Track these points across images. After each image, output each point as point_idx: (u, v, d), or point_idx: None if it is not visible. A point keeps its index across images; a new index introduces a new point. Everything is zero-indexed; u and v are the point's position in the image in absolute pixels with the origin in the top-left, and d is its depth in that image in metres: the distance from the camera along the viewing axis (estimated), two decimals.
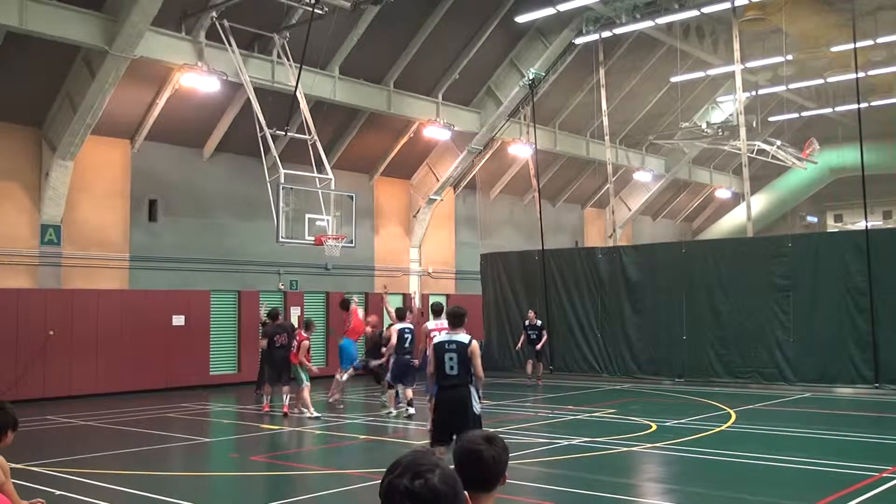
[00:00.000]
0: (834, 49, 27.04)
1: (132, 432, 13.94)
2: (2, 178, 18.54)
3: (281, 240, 18.10)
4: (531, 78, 24.74)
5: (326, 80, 21.39)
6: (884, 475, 9.49)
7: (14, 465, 5.85)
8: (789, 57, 27.68)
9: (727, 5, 22.62)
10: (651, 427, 13.46)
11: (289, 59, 19.96)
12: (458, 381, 8.88)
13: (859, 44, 21.71)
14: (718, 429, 13.40)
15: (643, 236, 36.48)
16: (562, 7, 22.17)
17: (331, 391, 16.99)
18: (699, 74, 29.10)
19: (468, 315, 9.38)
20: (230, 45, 19.07)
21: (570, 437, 12.75)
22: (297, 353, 15.60)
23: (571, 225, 34.57)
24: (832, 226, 43.03)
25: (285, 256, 22.46)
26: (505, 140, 27.58)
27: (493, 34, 23.68)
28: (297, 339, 15.81)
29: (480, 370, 8.91)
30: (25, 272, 18.82)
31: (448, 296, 27.37)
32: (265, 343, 16.01)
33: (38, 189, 18.88)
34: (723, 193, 40.12)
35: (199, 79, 18.88)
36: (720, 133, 29.18)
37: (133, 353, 19.68)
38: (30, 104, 18.56)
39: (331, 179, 19.05)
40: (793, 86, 31.90)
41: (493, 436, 2.86)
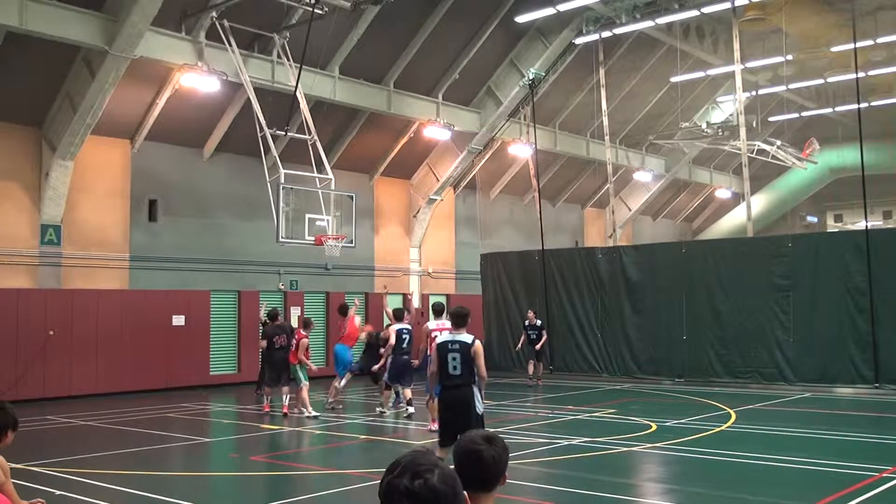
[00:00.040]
0: (834, 49, 27.04)
1: (132, 432, 13.94)
2: (2, 178, 18.55)
3: (281, 240, 18.10)
4: (531, 78, 24.74)
5: (326, 80, 21.39)
6: (884, 475, 9.49)
7: (14, 465, 5.85)
8: (789, 57, 27.68)
9: (727, 5, 22.61)
10: (651, 427, 13.46)
11: (289, 59, 19.97)
12: (461, 381, 8.87)
13: (859, 44, 21.70)
14: (718, 429, 13.40)
15: (643, 236, 36.48)
16: (562, 7, 22.17)
17: (329, 393, 16.97)
18: (699, 74, 29.11)
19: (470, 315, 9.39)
20: (230, 45, 19.08)
21: (570, 437, 12.75)
22: (297, 352, 15.62)
23: (571, 225, 34.57)
24: (832, 226, 43.03)
25: (285, 256, 22.47)
26: (505, 140, 27.58)
27: (493, 34, 23.68)
28: (296, 337, 15.82)
29: (484, 370, 8.90)
30: (25, 272, 18.83)
31: (448, 296, 27.37)
32: (265, 344, 16.04)
33: (38, 189, 18.88)
34: (723, 193, 40.11)
35: (199, 79, 18.88)
36: (720, 133, 29.17)
37: (133, 353, 19.69)
38: (30, 104, 18.57)
39: (331, 179, 19.06)
40: (793, 86, 31.91)
41: (493, 436, 2.86)
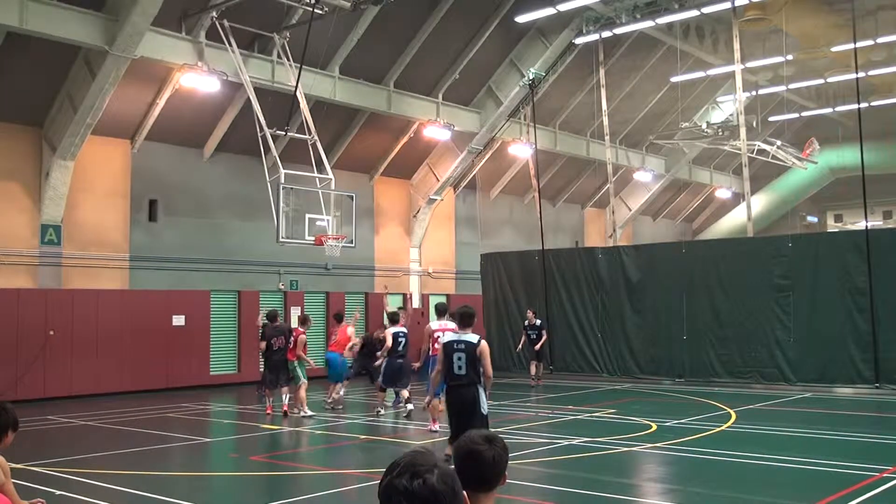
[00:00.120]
0: (834, 49, 27.02)
1: (132, 432, 13.94)
2: (2, 178, 18.55)
3: (281, 240, 18.10)
4: (531, 78, 24.74)
5: (326, 80, 21.39)
6: (884, 475, 9.49)
7: (14, 465, 5.85)
8: (789, 57, 27.66)
9: (727, 5, 22.61)
10: (651, 427, 13.46)
11: (289, 59, 19.97)
12: (466, 380, 8.89)
13: (859, 44, 21.68)
14: (718, 429, 13.40)
15: (643, 236, 36.48)
16: (562, 7, 22.16)
17: (329, 393, 16.92)
18: (699, 74, 29.10)
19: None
20: (230, 45, 19.08)
21: (571, 437, 12.75)
22: (295, 349, 15.61)
23: (571, 225, 34.57)
24: (832, 226, 43.01)
25: (285, 256, 22.46)
26: (505, 140, 27.58)
27: (493, 34, 23.68)
28: (294, 335, 15.82)
29: (489, 369, 8.92)
30: (25, 272, 18.83)
31: (448, 296, 27.37)
32: (263, 346, 16.00)
33: (39, 189, 18.88)
34: (723, 193, 40.11)
35: (199, 79, 18.88)
36: (720, 133, 29.14)
37: (133, 353, 19.69)
38: (30, 104, 18.57)
39: (331, 179, 19.05)
40: (793, 86, 31.90)
41: (493, 436, 2.86)
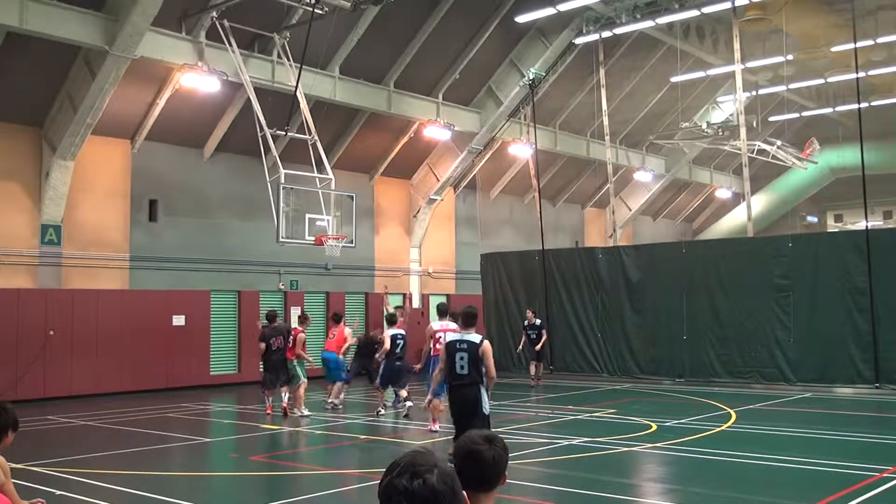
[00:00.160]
0: (834, 49, 27.02)
1: (132, 432, 13.94)
2: (2, 178, 18.55)
3: (281, 240, 18.10)
4: (531, 78, 24.74)
5: (326, 80, 21.39)
6: (884, 475, 9.48)
7: (14, 465, 5.85)
8: (789, 57, 27.66)
9: (727, 5, 22.60)
10: (651, 427, 13.45)
11: (289, 59, 19.97)
12: (468, 380, 8.90)
13: (859, 44, 21.67)
14: (718, 429, 13.40)
15: (643, 236, 36.48)
16: (562, 7, 22.16)
17: (332, 393, 16.89)
18: (699, 74, 29.10)
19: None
20: (230, 45, 19.08)
21: (571, 437, 12.75)
22: (294, 348, 15.60)
23: (571, 225, 34.57)
24: (832, 226, 43.01)
25: (285, 256, 22.46)
26: (505, 140, 27.58)
27: (493, 34, 23.68)
28: (293, 334, 15.80)
29: (492, 370, 8.93)
30: (25, 272, 18.83)
31: (448, 296, 27.37)
32: (263, 346, 15.96)
33: (39, 189, 18.88)
34: (723, 193, 40.11)
35: (199, 79, 18.88)
36: (720, 133, 29.14)
37: (133, 353, 19.70)
38: (30, 104, 18.57)
39: (331, 179, 19.05)
40: (793, 86, 31.90)
41: (493, 436, 2.86)
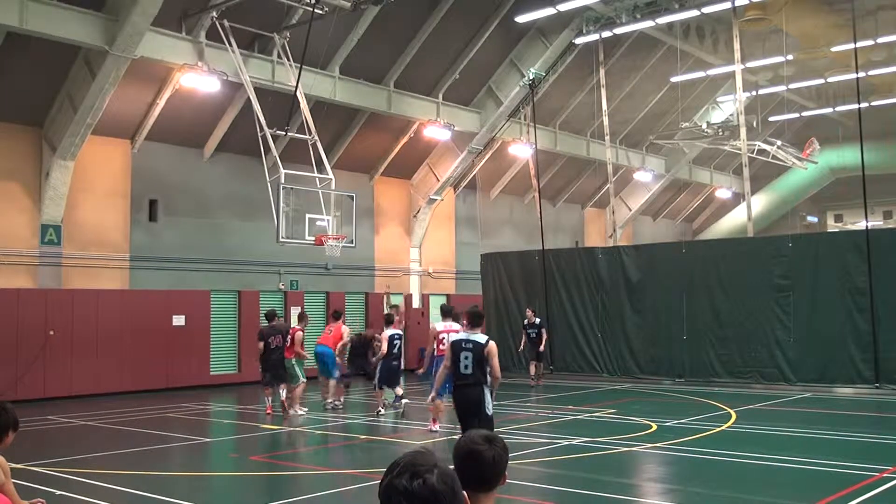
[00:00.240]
0: (834, 49, 27.01)
1: (132, 432, 13.94)
2: (2, 178, 18.55)
3: (281, 240, 18.10)
4: (531, 78, 24.73)
5: (326, 80, 21.39)
6: (884, 475, 9.49)
7: (14, 465, 5.85)
8: (789, 57, 27.66)
9: (727, 5, 22.60)
10: (651, 427, 13.46)
11: (289, 59, 19.97)
12: (472, 380, 8.94)
13: (859, 44, 21.67)
14: (718, 429, 13.40)
15: (643, 236, 36.48)
16: (562, 7, 22.15)
17: (333, 393, 16.86)
18: (699, 74, 29.10)
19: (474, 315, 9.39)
20: (230, 45, 19.08)
21: (571, 437, 12.75)
22: (292, 347, 15.57)
23: (571, 225, 34.57)
24: (832, 226, 43.00)
25: (285, 256, 22.46)
26: (505, 140, 27.58)
27: (493, 34, 23.67)
28: (291, 332, 15.78)
29: (497, 370, 8.96)
30: (25, 272, 18.83)
31: (448, 296, 27.40)
32: (262, 346, 15.92)
33: (39, 189, 18.88)
34: (723, 193, 40.11)
35: (199, 79, 18.88)
36: (720, 133, 29.14)
37: (133, 353, 19.70)
38: (30, 104, 18.57)
39: (331, 179, 19.05)
40: (793, 86, 31.89)
41: (493, 436, 2.86)
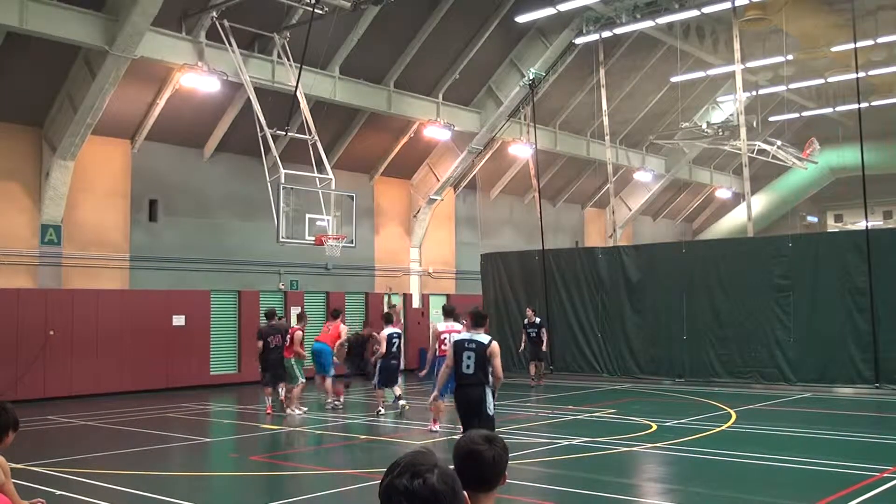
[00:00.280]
0: (834, 49, 27.01)
1: (132, 432, 13.94)
2: (2, 178, 18.55)
3: (281, 240, 18.10)
4: (531, 78, 24.73)
5: (326, 80, 21.39)
6: (884, 475, 9.48)
7: (14, 465, 5.85)
8: (789, 57, 27.66)
9: (727, 5, 22.60)
10: (651, 427, 13.46)
11: (289, 59, 19.97)
12: (474, 380, 8.95)
13: (859, 44, 21.66)
14: (719, 429, 13.40)
15: (643, 236, 36.48)
16: (562, 7, 22.15)
17: (329, 393, 16.83)
18: (699, 74, 29.10)
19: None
20: (230, 45, 19.08)
21: (571, 437, 12.75)
22: (291, 346, 15.56)
23: (571, 225, 34.57)
24: (832, 226, 43.00)
25: (285, 256, 22.46)
26: (505, 140, 27.58)
27: (493, 34, 23.67)
28: (290, 332, 15.76)
29: (500, 370, 8.98)
30: (25, 272, 18.83)
31: (448, 296, 27.41)
32: (261, 345, 15.91)
33: (39, 189, 18.88)
34: (723, 193, 40.11)
35: (199, 79, 18.88)
36: (720, 133, 29.14)
37: (133, 353, 19.70)
38: (30, 104, 18.57)
39: (331, 179, 19.05)
40: (793, 86, 31.89)
41: (493, 436, 2.85)
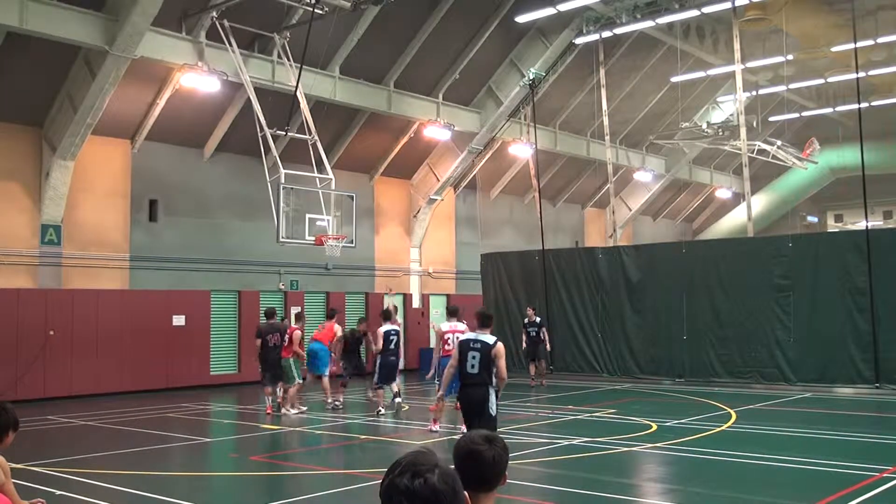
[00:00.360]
0: (834, 49, 27.01)
1: (132, 432, 13.94)
2: (2, 178, 18.55)
3: (281, 240, 18.11)
4: (531, 78, 24.73)
5: (327, 80, 21.39)
6: (884, 475, 9.49)
7: (14, 465, 5.85)
8: (789, 57, 27.65)
9: (727, 5, 22.60)
10: (651, 427, 13.46)
11: (289, 59, 19.97)
12: (478, 380, 8.97)
13: (859, 44, 21.66)
14: (719, 429, 13.40)
15: (643, 236, 36.48)
16: (562, 7, 22.15)
17: (328, 393, 16.80)
18: (699, 74, 29.10)
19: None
20: (230, 45, 19.08)
21: (571, 437, 12.75)
22: (290, 346, 15.55)
23: (571, 225, 34.57)
24: (832, 226, 43.00)
25: (285, 256, 22.47)
26: (505, 140, 27.58)
27: (493, 34, 23.67)
28: (288, 331, 15.75)
29: (504, 371, 8.99)
30: (25, 272, 18.83)
31: (448, 296, 27.41)
32: (259, 343, 15.84)
33: (39, 189, 18.88)
34: (723, 193, 40.11)
35: (199, 79, 18.88)
36: (720, 133, 29.14)
37: (133, 353, 19.70)
38: (30, 104, 18.57)
39: (331, 179, 19.05)
40: (793, 86, 31.89)
41: (493, 436, 2.86)
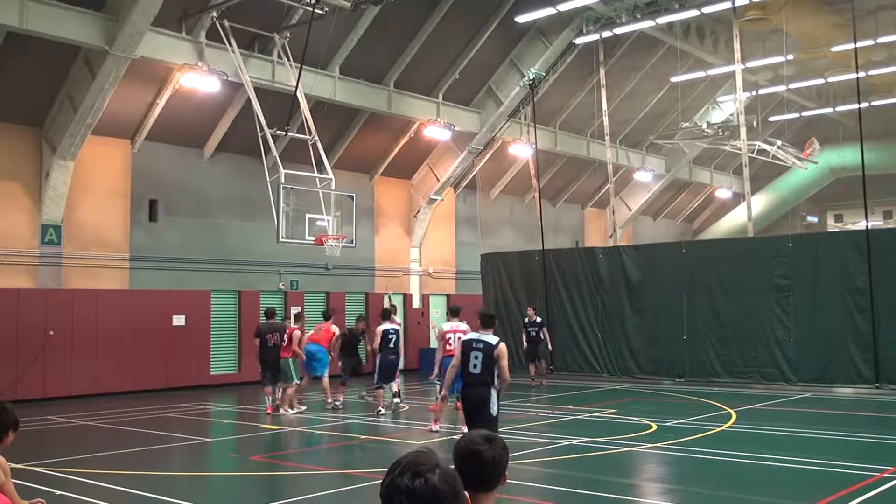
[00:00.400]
0: (834, 49, 27.01)
1: (132, 432, 13.94)
2: (2, 178, 18.55)
3: (281, 240, 18.11)
4: (531, 78, 24.73)
5: (327, 80, 21.39)
6: (884, 475, 9.49)
7: (14, 465, 5.85)
8: (790, 57, 27.66)
9: (727, 5, 22.60)
10: (651, 427, 13.46)
11: (289, 59, 19.97)
12: (480, 380, 8.98)
13: (860, 44, 21.65)
14: (719, 429, 13.40)
15: (643, 236, 36.48)
16: (562, 7, 22.15)
17: (328, 393, 16.79)
18: (699, 74, 29.10)
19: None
20: (230, 45, 19.08)
21: (571, 437, 12.75)
22: (289, 346, 15.54)
23: (571, 225, 34.57)
24: (832, 226, 43.01)
25: (285, 256, 22.47)
26: (505, 140, 27.58)
27: (493, 34, 23.67)
28: (287, 331, 15.75)
29: (506, 372, 8.99)
30: (25, 272, 18.83)
31: (448, 296, 27.40)
32: (258, 343, 15.80)
33: (39, 189, 18.88)
34: (723, 193, 40.11)
35: (199, 79, 18.88)
36: (720, 133, 29.14)
37: (133, 353, 19.69)
38: (30, 104, 18.57)
39: (331, 179, 19.06)
40: (793, 86, 31.90)
41: (493, 436, 2.86)
